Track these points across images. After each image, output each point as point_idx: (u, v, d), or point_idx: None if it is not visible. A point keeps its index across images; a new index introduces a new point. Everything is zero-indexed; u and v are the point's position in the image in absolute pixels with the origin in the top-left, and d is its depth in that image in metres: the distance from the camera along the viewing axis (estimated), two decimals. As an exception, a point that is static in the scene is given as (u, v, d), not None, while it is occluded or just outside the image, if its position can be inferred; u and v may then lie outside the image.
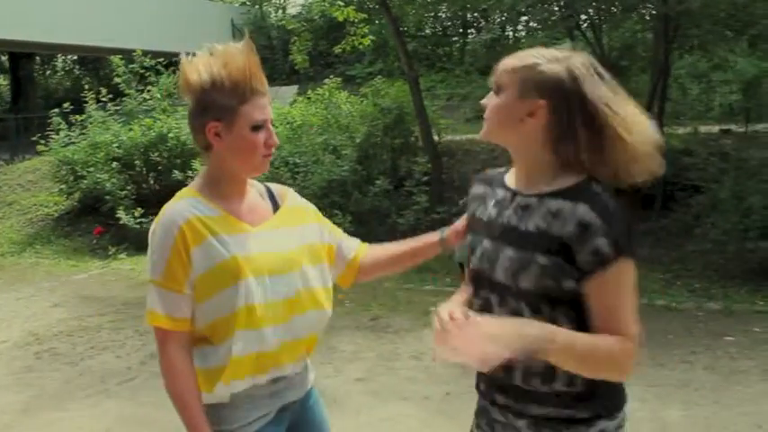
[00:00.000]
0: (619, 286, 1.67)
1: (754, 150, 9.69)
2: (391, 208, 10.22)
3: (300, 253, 2.08)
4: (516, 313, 1.75)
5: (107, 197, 12.13)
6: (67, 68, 27.95)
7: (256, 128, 1.95)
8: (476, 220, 1.97)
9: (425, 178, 10.69)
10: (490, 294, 1.83)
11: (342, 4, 13.12)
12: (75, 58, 26.85)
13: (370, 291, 8.53)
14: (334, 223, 9.56)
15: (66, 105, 13.69)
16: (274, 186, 2.24)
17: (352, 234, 9.46)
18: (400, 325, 7.11)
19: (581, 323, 1.70)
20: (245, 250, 1.95)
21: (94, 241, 12.46)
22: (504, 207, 1.86)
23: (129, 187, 12.34)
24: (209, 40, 2.06)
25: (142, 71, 13.99)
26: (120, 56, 14.02)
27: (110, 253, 11.60)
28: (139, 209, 11.75)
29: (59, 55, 27.22)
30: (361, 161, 10.76)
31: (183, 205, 1.96)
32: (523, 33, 20.87)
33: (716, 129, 11.80)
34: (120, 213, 11.64)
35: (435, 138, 11.94)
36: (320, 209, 9.56)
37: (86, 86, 14.41)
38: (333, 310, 2.19)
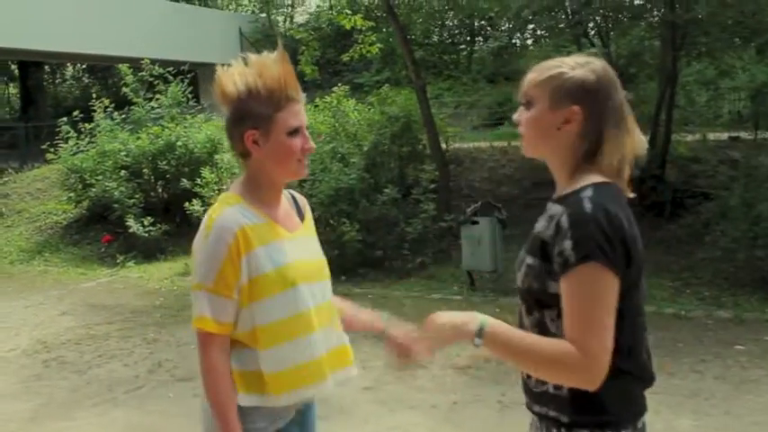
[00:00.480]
0: (577, 292, 1.65)
1: (763, 157, 9.64)
2: (399, 216, 10.20)
3: (323, 264, 2.22)
4: (520, 313, 1.87)
5: (115, 205, 12.16)
6: (77, 77, 28.07)
7: (292, 133, 2.02)
8: None
9: (433, 186, 10.68)
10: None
11: (349, 12, 13.15)
12: (85, 66, 26.96)
13: (378, 299, 8.52)
14: (342, 231, 9.60)
15: (75, 114, 13.75)
16: (297, 195, 2.31)
17: (360, 243, 9.48)
18: (408, 333, 7.07)
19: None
20: (290, 258, 2.04)
21: (103, 249, 12.50)
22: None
23: (137, 195, 12.36)
24: (217, 49, 2.09)
25: (151, 79, 14.06)
26: (128, 64, 14.09)
27: (118, 261, 11.63)
28: (148, 217, 11.79)
29: (69, 64, 27.35)
30: (369, 169, 10.75)
31: (234, 212, 2.00)
32: (530, 41, 20.86)
33: (725, 136, 11.78)
34: (130, 222, 11.68)
35: (443, 146, 11.93)
36: (328, 217, 9.63)
37: (95, 95, 14.46)
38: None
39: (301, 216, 2.25)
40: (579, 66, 1.80)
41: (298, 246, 2.10)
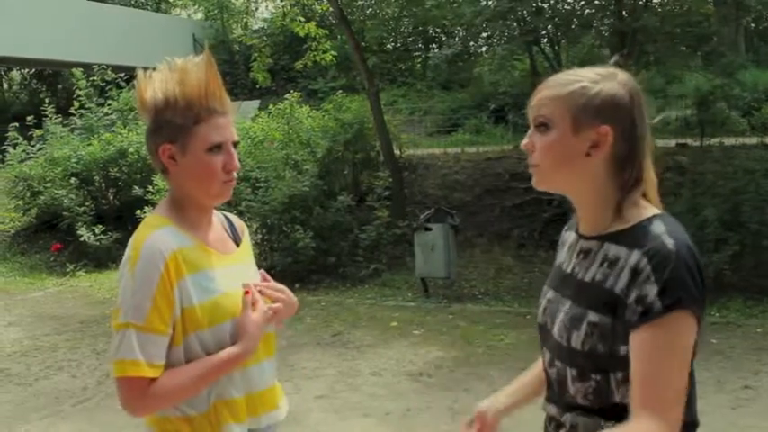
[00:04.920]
0: (660, 347, 1.39)
1: (709, 164, 9.86)
2: (353, 223, 10.21)
3: None
4: (561, 377, 1.57)
5: (65, 213, 11.95)
6: (25, 82, 27.54)
7: (213, 150, 1.79)
8: (552, 269, 1.75)
9: (386, 193, 10.71)
10: (549, 351, 1.63)
11: (303, 19, 13.12)
12: (32, 71, 26.48)
13: (332, 306, 8.51)
14: (295, 239, 9.56)
15: (30, 119, 13.49)
16: (232, 218, 2.10)
17: (314, 250, 9.48)
18: (361, 340, 7.08)
19: None
20: (225, 286, 1.82)
21: (52, 258, 12.26)
22: (571, 253, 1.64)
23: (87, 203, 12.17)
24: (170, 54, 1.94)
25: (103, 84, 13.89)
26: (81, 69, 13.90)
27: (68, 270, 11.42)
28: (99, 225, 11.62)
29: (16, 68, 26.83)
30: (323, 176, 10.75)
31: (163, 234, 1.76)
32: (484, 49, 21.07)
33: (672, 143, 12.01)
34: (81, 230, 11.49)
35: (396, 152, 11.98)
36: (282, 224, 9.61)
37: (46, 100, 14.22)
38: (293, 326, 2.12)
39: (238, 241, 2.01)
40: (603, 78, 1.53)
41: (232, 273, 1.86)
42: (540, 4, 11.60)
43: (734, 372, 5.75)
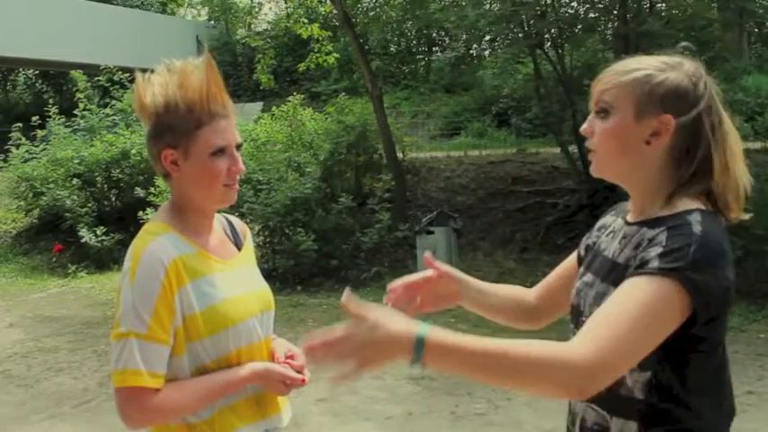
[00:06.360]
0: (632, 299, 1.35)
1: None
2: (355, 226, 10.19)
3: (266, 293, 1.96)
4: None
5: (67, 214, 11.96)
6: (29, 83, 27.55)
7: (216, 154, 1.76)
8: (587, 251, 1.72)
9: (389, 196, 10.70)
10: None
11: (306, 21, 13.13)
12: (38, 72, 26.50)
13: (333, 309, 8.49)
14: (298, 241, 9.53)
15: (35, 119, 13.51)
16: (234, 220, 2.07)
17: (316, 252, 9.44)
18: (363, 344, 7.05)
19: (687, 379, 1.45)
20: (225, 293, 1.79)
21: (54, 259, 12.26)
22: (614, 238, 1.60)
23: (89, 204, 12.19)
24: (173, 55, 1.91)
25: (107, 84, 13.91)
26: (83, 70, 13.91)
27: (69, 271, 11.43)
28: (101, 227, 11.62)
29: (21, 69, 26.87)
30: (325, 179, 10.74)
31: (163, 242, 1.74)
32: (487, 52, 21.10)
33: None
34: (83, 231, 11.50)
35: (399, 155, 11.97)
36: (283, 227, 9.57)
37: (50, 101, 14.24)
38: (295, 329, 2.10)
39: (239, 244, 1.99)
40: (669, 67, 1.50)
41: (233, 278, 1.84)
42: (543, 7, 11.57)
43: (737, 377, 5.65)
